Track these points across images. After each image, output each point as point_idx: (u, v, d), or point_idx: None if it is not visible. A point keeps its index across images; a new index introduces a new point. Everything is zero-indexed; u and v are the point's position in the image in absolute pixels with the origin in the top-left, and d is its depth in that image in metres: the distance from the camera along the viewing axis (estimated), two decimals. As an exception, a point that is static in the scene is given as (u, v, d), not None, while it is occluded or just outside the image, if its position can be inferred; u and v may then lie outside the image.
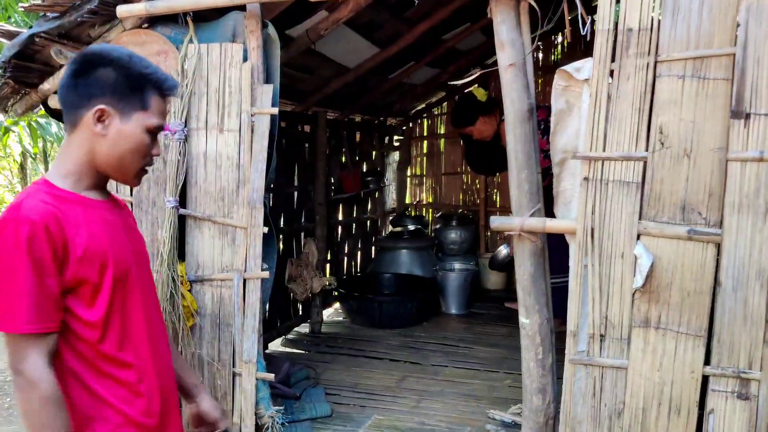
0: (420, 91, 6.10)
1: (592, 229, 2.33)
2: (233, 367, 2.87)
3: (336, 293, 5.40)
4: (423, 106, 7.14)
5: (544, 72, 6.72)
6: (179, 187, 2.85)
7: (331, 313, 5.68)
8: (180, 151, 2.83)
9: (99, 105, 1.50)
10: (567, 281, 2.41)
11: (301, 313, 5.07)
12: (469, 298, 5.61)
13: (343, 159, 5.82)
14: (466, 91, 4.99)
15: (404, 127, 7.30)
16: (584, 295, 2.38)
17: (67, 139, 1.55)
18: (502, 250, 5.61)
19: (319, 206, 5.10)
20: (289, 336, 4.88)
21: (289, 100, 4.67)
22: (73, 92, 1.52)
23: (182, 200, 2.89)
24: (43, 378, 1.40)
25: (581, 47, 6.23)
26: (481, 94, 4.63)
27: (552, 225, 2.41)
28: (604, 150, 2.31)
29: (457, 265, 5.87)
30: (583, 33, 2.40)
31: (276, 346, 4.69)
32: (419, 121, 7.37)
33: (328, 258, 5.49)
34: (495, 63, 2.51)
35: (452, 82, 2.92)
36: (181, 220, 2.90)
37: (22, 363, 1.40)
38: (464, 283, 5.58)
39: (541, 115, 3.81)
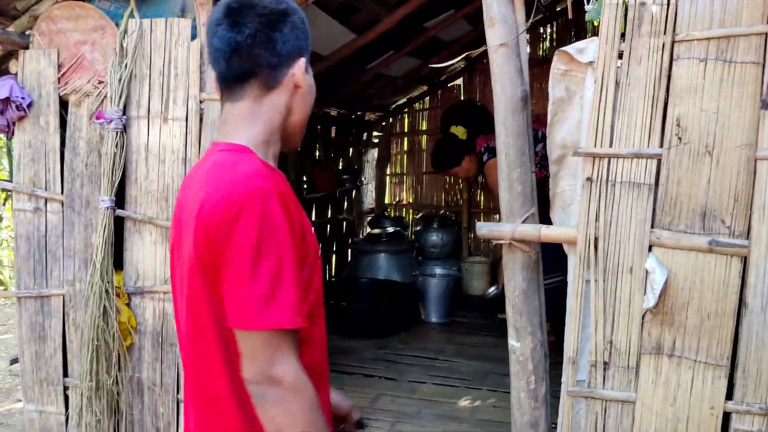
0: (400, 83, 5.73)
1: (596, 239, 1.99)
2: (177, 393, 2.49)
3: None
4: (404, 100, 6.78)
5: (531, 66, 6.41)
6: (116, 185, 2.46)
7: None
8: (117, 142, 2.44)
9: (303, 57, 1.30)
10: (559, 281, 2.08)
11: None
12: (450, 305, 5.26)
13: (317, 155, 5.44)
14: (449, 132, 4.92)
15: (383, 123, 6.95)
16: (585, 316, 2.03)
17: (248, 107, 1.28)
18: (491, 291, 5.29)
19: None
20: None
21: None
22: (270, 51, 1.26)
23: (120, 200, 2.50)
24: (306, 381, 1.15)
25: (572, 37, 5.91)
26: (461, 132, 4.61)
27: (549, 233, 2.06)
28: (611, 145, 1.97)
29: (438, 270, 5.53)
30: (587, 7, 2.05)
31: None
32: (399, 116, 7.01)
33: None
34: (481, 55, 2.15)
35: (435, 65, 2.56)
36: (119, 223, 2.51)
37: (280, 366, 1.12)
38: (446, 290, 5.23)
39: (535, 125, 3.50)
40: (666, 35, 1.90)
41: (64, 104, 2.58)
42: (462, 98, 6.52)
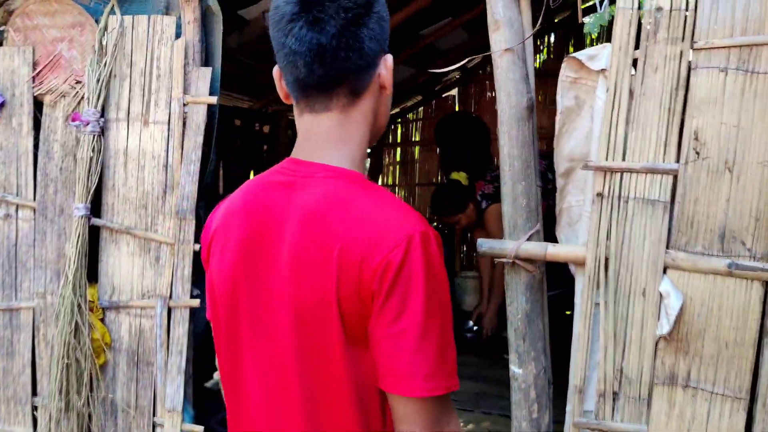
0: (393, 92, 5.58)
1: (607, 259, 1.85)
2: (153, 416, 2.32)
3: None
4: (397, 110, 6.64)
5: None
6: (92, 192, 2.29)
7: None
8: (94, 146, 2.28)
9: (387, 51, 1.12)
10: (553, 295, 1.95)
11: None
12: (442, 321, 5.06)
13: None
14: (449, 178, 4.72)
15: (376, 133, 6.79)
16: (594, 342, 1.89)
17: (337, 120, 1.09)
18: (469, 326, 4.98)
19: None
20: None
21: (245, 95, 4.13)
22: (358, 52, 1.05)
23: (96, 208, 2.34)
24: None
25: (569, 48, 5.80)
26: (463, 177, 4.39)
27: (555, 252, 1.91)
28: (623, 159, 1.83)
29: (429, 285, 5.33)
30: (585, 19, 1.93)
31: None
32: (392, 126, 6.87)
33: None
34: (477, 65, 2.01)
35: (435, 71, 2.41)
36: (95, 233, 2.34)
37: (447, 428, 1.02)
38: (437, 305, 5.03)
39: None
40: (684, 42, 1.78)
41: (38, 105, 2.42)
42: (457, 109, 6.40)
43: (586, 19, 1.94)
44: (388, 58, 1.11)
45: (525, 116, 1.98)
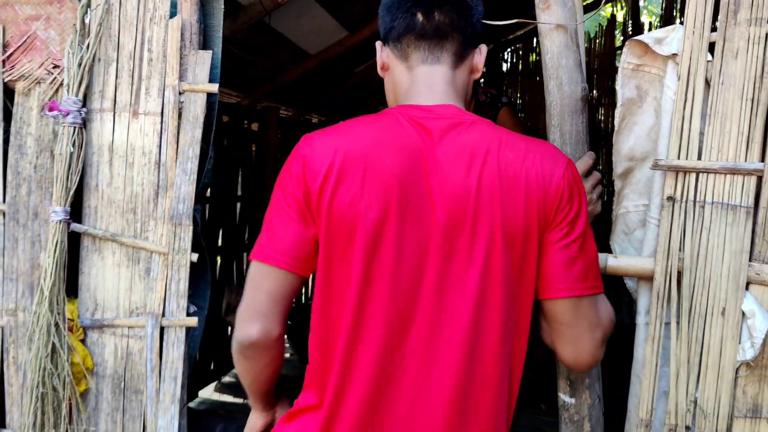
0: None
1: (679, 273, 1.60)
2: (142, 451, 2.01)
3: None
4: (387, 109, 6.38)
5: (522, 77, 6.08)
6: (72, 193, 1.98)
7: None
8: (74, 140, 1.97)
9: (483, 44, 1.40)
10: None
11: (241, 349, 4.19)
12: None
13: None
14: None
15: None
16: (662, 367, 1.64)
17: (449, 72, 1.34)
18: None
19: (268, 220, 4.25)
20: (225, 379, 4.02)
21: (234, 89, 3.82)
22: (466, 20, 1.34)
23: (77, 212, 2.03)
24: None
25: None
26: None
27: (617, 264, 1.66)
28: (699, 158, 1.59)
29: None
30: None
31: (209, 393, 3.82)
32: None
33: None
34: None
35: (488, 22, 2.10)
36: (75, 240, 2.03)
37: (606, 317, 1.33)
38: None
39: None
40: (769, 24, 1.54)
41: (9, 93, 2.11)
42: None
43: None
44: (483, 47, 1.39)
45: (579, 108, 1.72)
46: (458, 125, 1.23)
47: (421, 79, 1.30)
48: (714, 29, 1.59)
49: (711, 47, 1.60)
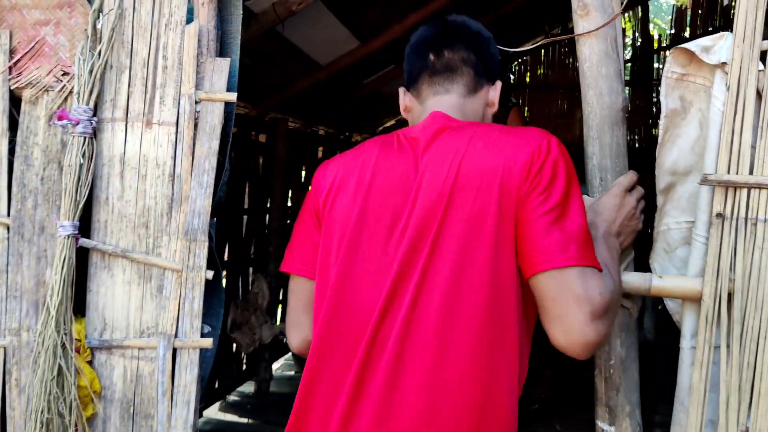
0: (395, 103, 5.26)
1: (729, 294, 1.51)
2: (152, 480, 1.90)
3: (290, 341, 4.43)
4: (393, 122, 6.31)
5: (530, 89, 6.02)
6: (81, 207, 1.88)
7: (282, 365, 4.72)
8: (84, 151, 1.88)
9: (498, 81, 1.51)
10: None
11: (245, 368, 4.10)
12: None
13: (303, 177, 4.91)
14: None
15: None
16: (711, 393, 1.54)
17: (457, 100, 1.45)
18: None
19: (275, 235, 4.15)
20: (230, 398, 3.90)
21: (241, 99, 3.73)
22: (484, 63, 1.48)
23: (85, 226, 1.93)
24: None
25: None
26: None
27: (662, 285, 1.57)
28: (751, 172, 1.50)
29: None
30: None
31: (213, 412, 3.70)
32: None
33: (281, 299, 4.50)
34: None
35: (503, 48, 2.03)
36: (83, 256, 1.93)
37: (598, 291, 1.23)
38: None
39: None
40: (825, 31, 1.46)
41: (15, 101, 2.01)
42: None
43: None
44: (498, 84, 1.49)
45: (620, 119, 1.64)
46: (444, 130, 1.33)
47: (430, 106, 1.42)
48: (766, 37, 1.51)
49: (762, 56, 1.52)
